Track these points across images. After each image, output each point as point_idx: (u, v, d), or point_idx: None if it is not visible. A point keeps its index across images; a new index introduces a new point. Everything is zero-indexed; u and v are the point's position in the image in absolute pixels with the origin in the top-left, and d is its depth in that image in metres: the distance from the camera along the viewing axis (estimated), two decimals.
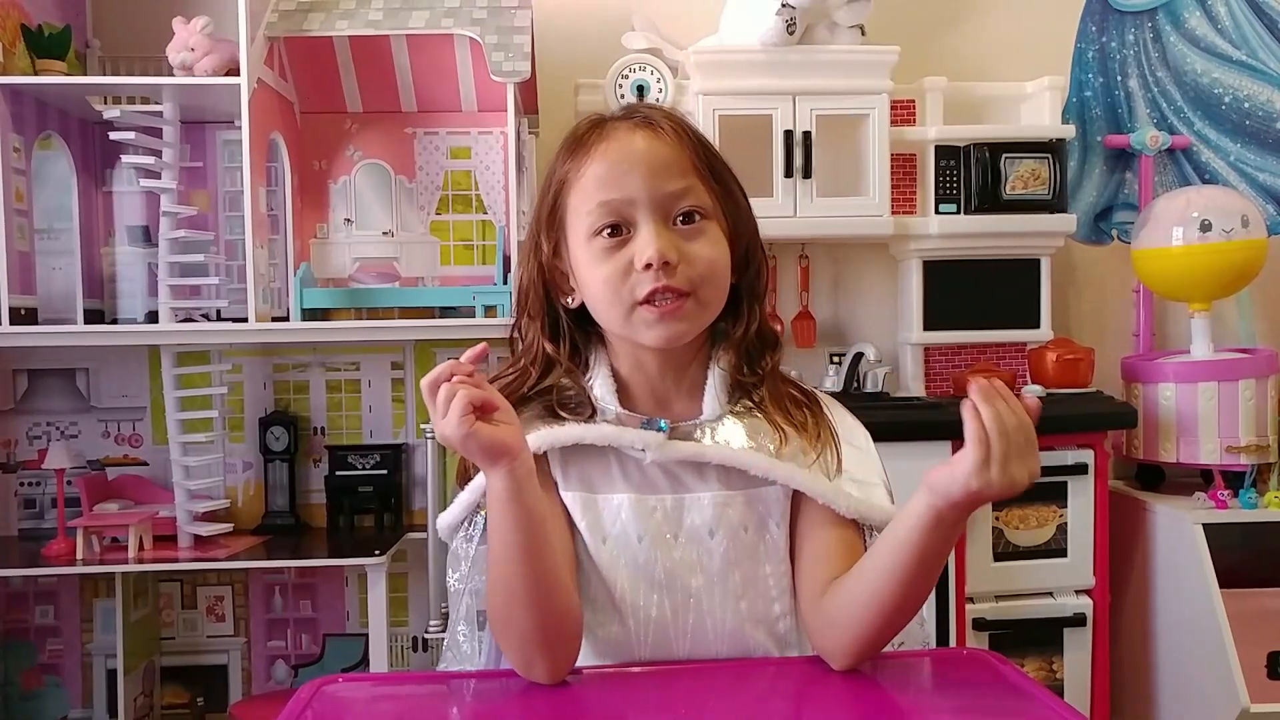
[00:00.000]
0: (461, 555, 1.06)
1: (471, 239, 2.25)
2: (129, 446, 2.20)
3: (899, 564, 0.89)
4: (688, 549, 0.99)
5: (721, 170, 1.03)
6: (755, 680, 0.95)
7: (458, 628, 1.06)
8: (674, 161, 0.98)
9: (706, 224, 0.99)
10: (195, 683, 2.23)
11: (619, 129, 1.00)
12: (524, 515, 0.89)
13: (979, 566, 2.10)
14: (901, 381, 2.35)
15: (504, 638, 0.93)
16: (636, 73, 2.19)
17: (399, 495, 2.20)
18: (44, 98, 2.02)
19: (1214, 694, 1.99)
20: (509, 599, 0.91)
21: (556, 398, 1.02)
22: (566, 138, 1.03)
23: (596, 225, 0.97)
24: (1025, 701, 0.89)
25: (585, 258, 0.99)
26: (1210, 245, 2.18)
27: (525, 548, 0.89)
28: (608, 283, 0.97)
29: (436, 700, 0.97)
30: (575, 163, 1.00)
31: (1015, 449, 0.81)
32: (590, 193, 0.98)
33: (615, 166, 0.97)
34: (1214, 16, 2.52)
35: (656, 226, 0.96)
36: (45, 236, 2.12)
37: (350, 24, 2.00)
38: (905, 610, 0.93)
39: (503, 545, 0.90)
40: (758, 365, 1.03)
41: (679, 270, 0.96)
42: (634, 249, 0.96)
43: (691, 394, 1.03)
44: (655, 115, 1.02)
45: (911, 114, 2.30)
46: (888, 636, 0.95)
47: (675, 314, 0.96)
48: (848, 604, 0.94)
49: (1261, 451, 2.17)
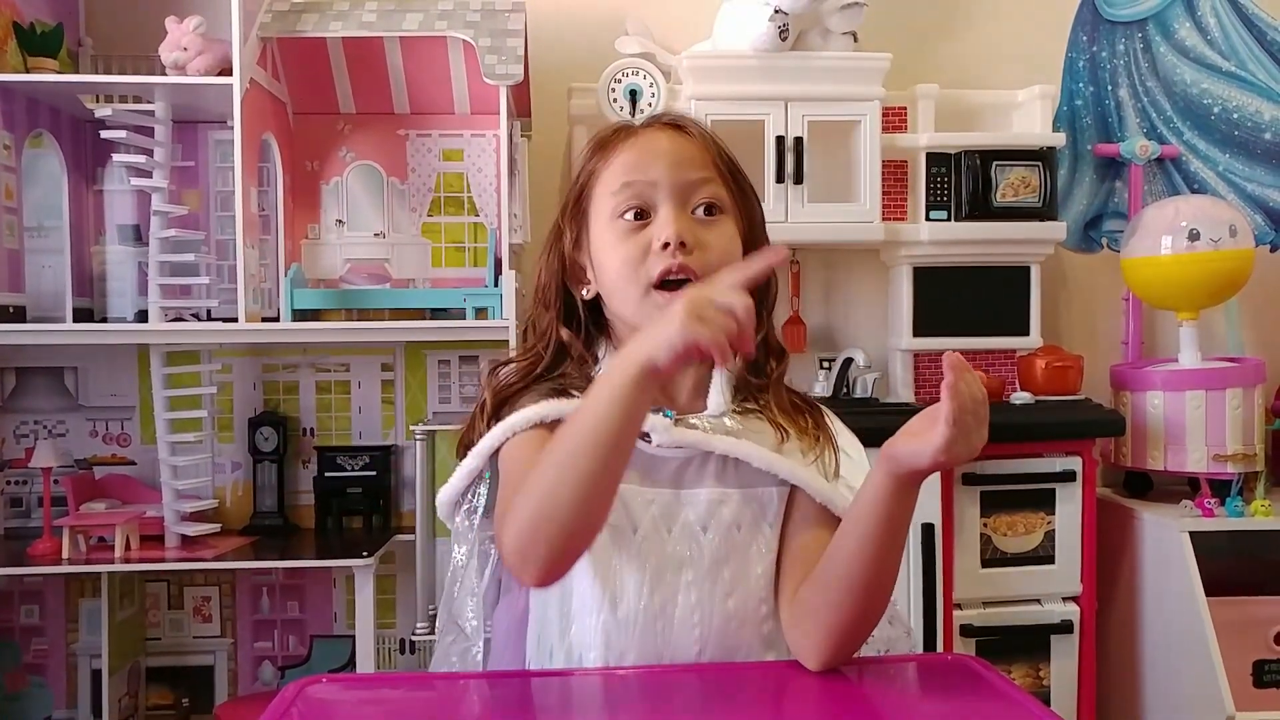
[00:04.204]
0: (464, 531, 1.07)
1: (463, 241, 2.25)
2: (117, 446, 2.19)
3: (866, 535, 0.91)
4: (680, 543, 1.00)
5: (741, 176, 1.08)
6: (736, 683, 0.95)
7: (465, 605, 1.07)
8: (697, 156, 1.04)
9: (723, 218, 1.04)
10: (181, 684, 2.22)
11: (646, 129, 1.07)
12: (638, 417, 0.87)
13: (967, 573, 2.10)
14: (891, 387, 2.35)
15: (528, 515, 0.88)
16: (629, 77, 2.19)
17: (388, 497, 2.20)
18: (35, 95, 2.02)
19: (1200, 701, 1.99)
20: (562, 481, 0.86)
21: (566, 383, 1.05)
22: (594, 138, 1.10)
23: (620, 208, 1.02)
24: (1010, 708, 0.90)
25: (606, 240, 1.03)
26: (1198, 254, 2.19)
27: (624, 447, 0.87)
28: (626, 262, 1.01)
29: (420, 701, 0.97)
30: (603, 156, 1.06)
31: (977, 421, 0.85)
32: (615, 176, 1.03)
33: (642, 155, 1.03)
34: (1204, 27, 2.54)
35: (676, 210, 1.02)
36: (35, 234, 2.11)
37: (344, 25, 2.00)
38: (874, 590, 0.93)
39: (598, 429, 0.86)
40: (763, 370, 1.07)
41: (695, 254, 1.00)
42: (653, 230, 1.01)
43: (697, 390, 1.06)
44: (682, 119, 1.08)
45: (903, 121, 2.31)
46: (861, 626, 0.96)
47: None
48: (820, 589, 0.95)
49: (1248, 460, 2.18)
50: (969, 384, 0.84)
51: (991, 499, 2.12)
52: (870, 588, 0.93)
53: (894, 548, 0.93)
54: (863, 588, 0.93)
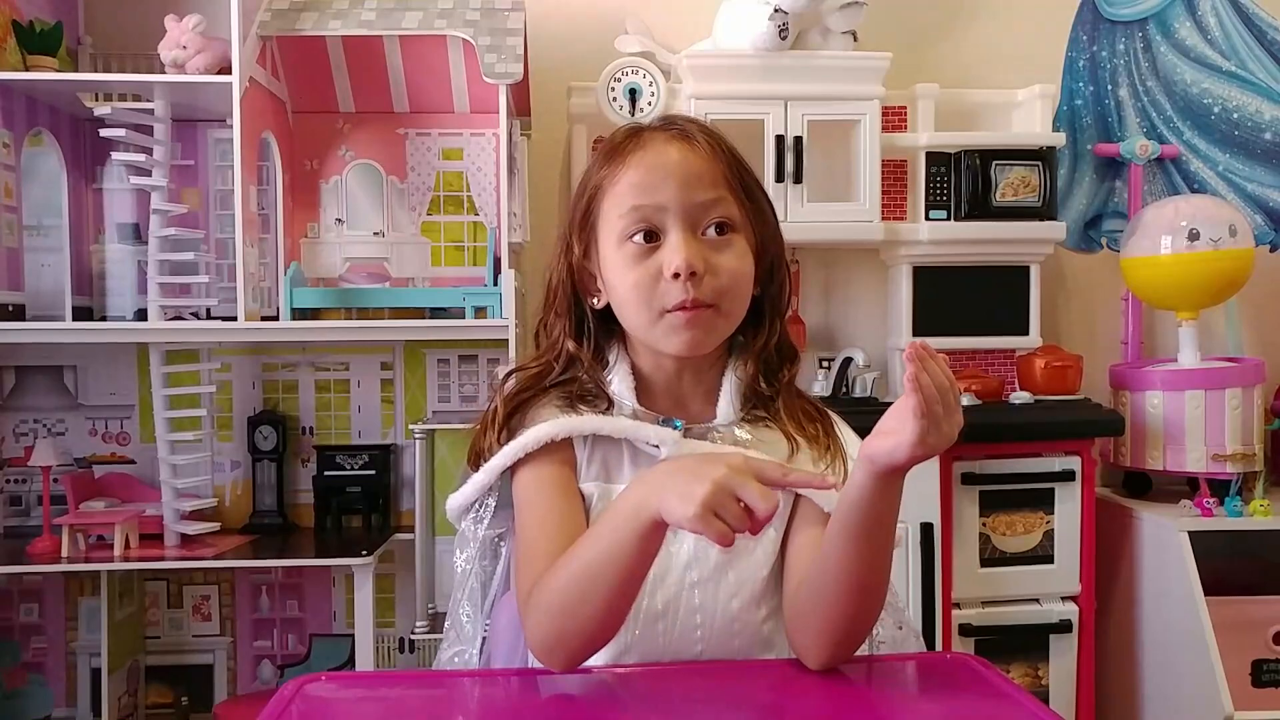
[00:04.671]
0: (470, 537, 1.08)
1: (462, 240, 2.25)
2: (116, 444, 2.19)
3: (853, 535, 0.91)
4: (685, 545, 1.01)
5: (752, 185, 1.06)
6: (738, 682, 0.95)
7: (461, 608, 1.07)
8: (706, 173, 1.02)
9: (734, 237, 1.03)
10: (180, 682, 2.22)
11: (655, 139, 1.03)
12: (653, 555, 0.91)
13: (966, 572, 2.10)
14: (890, 387, 2.35)
15: (550, 624, 0.93)
16: (629, 76, 2.19)
17: (387, 496, 2.19)
18: (34, 94, 2.01)
19: (1198, 701, 1.99)
20: (584, 601, 0.91)
21: (576, 390, 1.05)
22: (603, 145, 1.07)
23: (629, 230, 1.01)
24: (1009, 706, 0.90)
25: (616, 262, 1.02)
26: (1198, 254, 2.19)
27: (636, 576, 0.91)
28: (636, 288, 1.00)
29: (419, 700, 0.97)
30: (611, 169, 1.03)
31: (947, 408, 0.85)
32: (624, 197, 1.01)
33: (650, 174, 1.01)
34: (1204, 27, 2.54)
35: (685, 235, 1.00)
36: (34, 233, 2.11)
37: (343, 24, 2.00)
38: (867, 589, 0.93)
39: (612, 562, 0.90)
40: (775, 378, 1.07)
41: (705, 281, 0.99)
42: (663, 256, 0.99)
43: (707, 398, 1.07)
44: (691, 128, 1.05)
45: (903, 120, 2.31)
46: (857, 625, 0.96)
47: (697, 322, 1.00)
48: (814, 590, 0.95)
49: (1247, 460, 2.18)
50: (933, 373, 0.84)
51: (990, 498, 2.12)
52: (862, 588, 0.93)
53: (882, 547, 0.93)
54: (855, 588, 0.93)
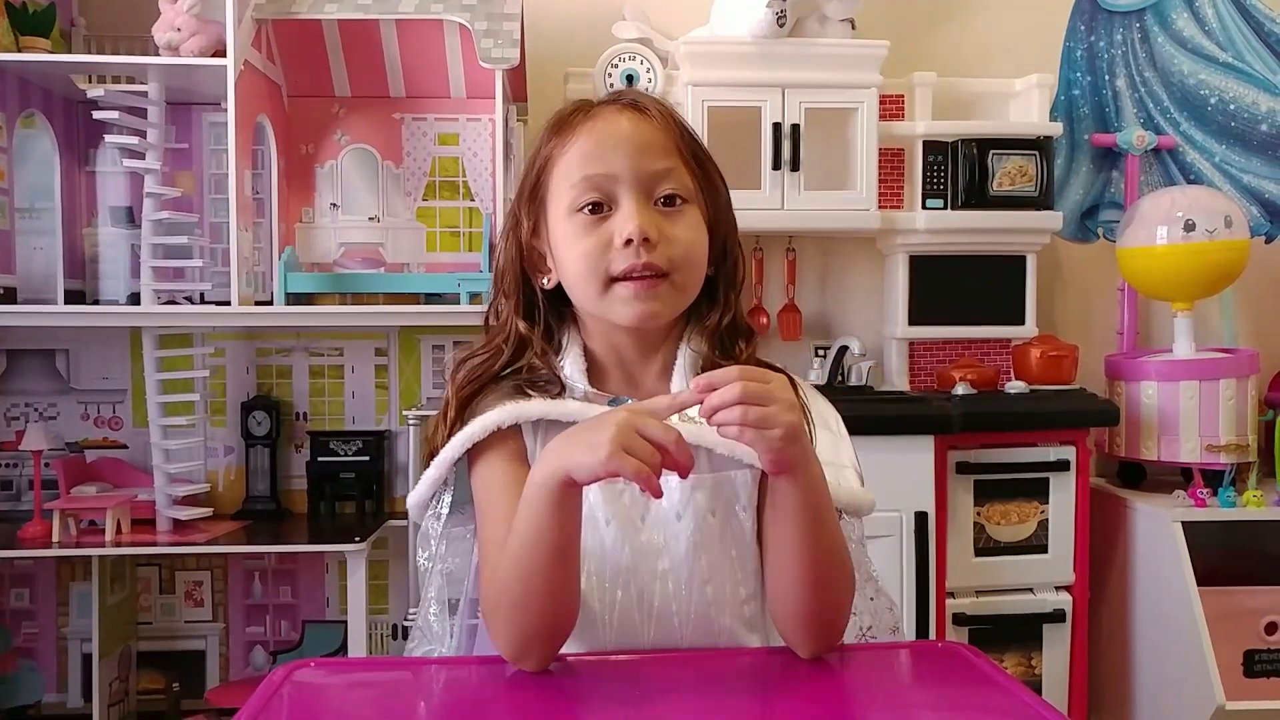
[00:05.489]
0: (431, 534, 1.06)
1: (458, 226, 2.24)
2: (108, 429, 2.18)
3: (785, 533, 0.92)
4: (654, 532, 0.98)
5: (704, 159, 1.03)
6: (726, 670, 0.95)
7: (429, 609, 1.06)
8: (659, 142, 0.99)
9: (687, 208, 1.00)
10: (172, 668, 2.21)
11: (605, 110, 1.00)
12: (571, 521, 0.89)
13: (960, 561, 2.10)
14: (886, 375, 2.35)
15: (507, 626, 0.91)
16: (626, 62, 2.18)
17: (381, 482, 2.19)
18: (27, 75, 2.00)
19: (1191, 691, 2.00)
20: (528, 592, 0.89)
21: (526, 376, 1.02)
22: (551, 118, 1.03)
23: (579, 201, 0.98)
24: (1001, 695, 0.89)
25: (566, 232, 0.99)
26: (1194, 245, 2.19)
27: (566, 551, 0.89)
28: (586, 257, 0.97)
29: (409, 685, 0.97)
30: (560, 140, 1.00)
31: (771, 413, 0.84)
32: (574, 167, 0.98)
33: (600, 143, 0.98)
34: (1201, 18, 2.53)
35: (638, 203, 0.97)
36: (26, 216, 2.10)
37: (339, 7, 1.99)
38: (822, 580, 0.92)
39: (539, 543, 0.88)
40: (732, 353, 1.03)
41: (658, 248, 0.96)
42: (614, 225, 0.96)
43: (662, 375, 1.03)
44: (642, 99, 1.02)
45: (900, 109, 2.30)
46: (826, 615, 0.94)
47: (651, 291, 0.96)
48: (779, 587, 0.95)
49: (1241, 451, 2.18)
50: (723, 397, 0.83)
51: (985, 488, 2.12)
52: (816, 581, 0.92)
53: (817, 537, 0.91)
54: (809, 582, 0.92)
